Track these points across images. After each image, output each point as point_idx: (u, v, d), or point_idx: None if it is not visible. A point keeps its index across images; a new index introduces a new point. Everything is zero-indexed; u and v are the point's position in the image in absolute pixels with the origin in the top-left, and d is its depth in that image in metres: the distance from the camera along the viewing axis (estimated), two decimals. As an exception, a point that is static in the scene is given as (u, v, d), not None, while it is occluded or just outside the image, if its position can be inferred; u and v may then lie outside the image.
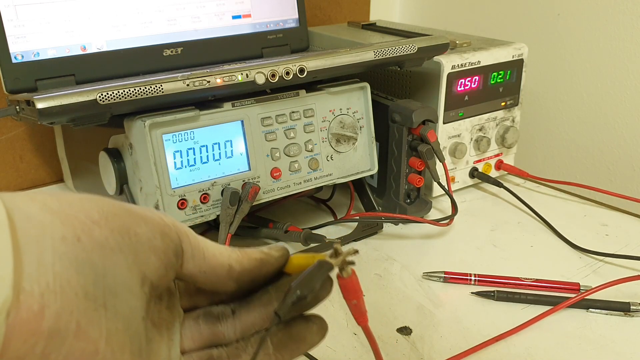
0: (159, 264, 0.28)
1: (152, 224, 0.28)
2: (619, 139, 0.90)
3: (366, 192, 0.69)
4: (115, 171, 0.55)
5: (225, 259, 0.31)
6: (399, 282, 0.60)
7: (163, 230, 0.28)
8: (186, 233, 0.30)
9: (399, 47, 0.60)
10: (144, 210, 0.28)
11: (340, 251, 0.31)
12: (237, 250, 0.32)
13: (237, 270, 0.31)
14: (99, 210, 0.26)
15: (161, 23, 0.68)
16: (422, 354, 0.49)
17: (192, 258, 0.30)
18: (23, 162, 0.80)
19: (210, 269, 0.31)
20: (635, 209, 0.75)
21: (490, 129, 0.78)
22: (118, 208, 0.27)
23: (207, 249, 0.31)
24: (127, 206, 0.28)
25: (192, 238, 0.30)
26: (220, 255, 0.31)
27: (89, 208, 0.26)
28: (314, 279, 0.30)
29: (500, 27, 1.01)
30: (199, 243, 0.30)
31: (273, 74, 0.54)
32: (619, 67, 0.88)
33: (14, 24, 0.60)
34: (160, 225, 0.28)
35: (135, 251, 0.27)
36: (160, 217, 0.29)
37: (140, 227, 0.27)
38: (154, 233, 0.28)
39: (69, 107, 0.46)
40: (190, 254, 0.30)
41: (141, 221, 0.28)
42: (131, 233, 0.27)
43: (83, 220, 0.25)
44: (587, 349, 0.50)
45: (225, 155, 0.56)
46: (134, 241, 0.27)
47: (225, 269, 0.31)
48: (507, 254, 0.65)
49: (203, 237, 0.31)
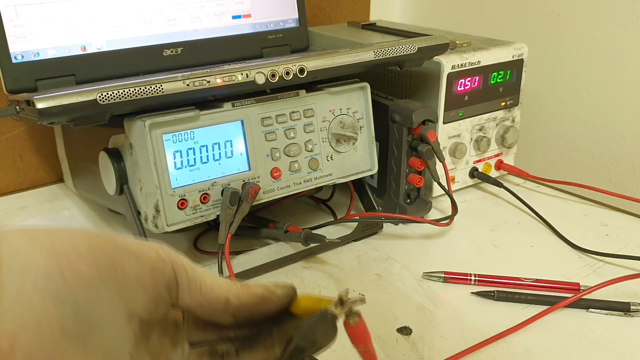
0: (147, 300, 0.28)
1: (143, 260, 0.28)
2: (619, 139, 0.90)
3: (366, 192, 0.69)
4: (115, 171, 0.55)
5: (222, 292, 0.31)
6: (399, 282, 0.60)
7: (155, 266, 0.28)
8: (183, 266, 0.30)
9: (399, 47, 0.60)
10: (138, 245, 0.29)
11: (345, 300, 0.31)
12: (237, 284, 0.32)
13: (234, 305, 0.31)
14: (88, 246, 0.26)
15: (161, 23, 0.68)
16: (422, 354, 0.49)
17: (188, 291, 0.30)
18: (23, 162, 0.80)
19: (206, 302, 0.31)
20: (635, 209, 0.75)
21: (490, 129, 0.78)
22: (108, 244, 0.27)
23: (204, 282, 0.31)
24: (119, 241, 0.28)
25: (189, 271, 0.30)
26: (218, 288, 0.31)
27: (79, 243, 0.26)
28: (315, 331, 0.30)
29: (500, 27, 1.01)
30: (196, 276, 0.30)
31: (273, 74, 0.54)
32: (619, 67, 0.88)
33: (14, 24, 0.60)
34: (152, 260, 0.29)
35: (122, 288, 0.27)
36: (155, 250, 0.29)
37: (130, 263, 0.28)
38: (144, 269, 0.28)
39: (69, 107, 0.46)
40: (187, 287, 0.30)
41: (131, 257, 0.28)
42: (118, 269, 0.27)
43: (70, 255, 0.26)
44: (587, 349, 0.50)
45: (225, 155, 0.56)
46: (121, 278, 0.27)
47: (222, 303, 0.31)
48: (507, 254, 0.65)
49: (202, 269, 0.31)
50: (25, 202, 0.77)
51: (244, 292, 0.32)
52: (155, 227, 0.53)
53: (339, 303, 0.31)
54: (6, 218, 0.73)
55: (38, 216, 0.74)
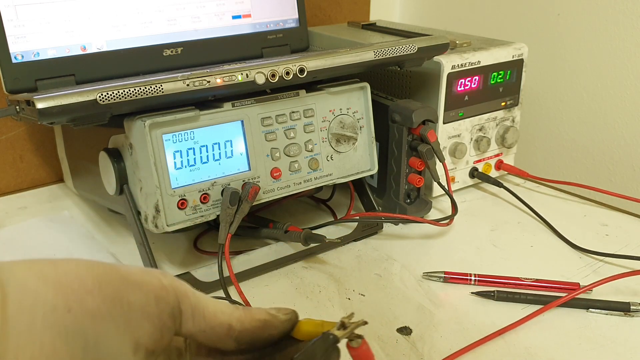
0: (153, 329, 0.28)
1: (147, 289, 0.28)
2: (619, 139, 0.90)
3: (366, 192, 0.69)
4: (115, 171, 0.55)
5: (225, 317, 0.31)
6: (399, 282, 0.60)
7: (159, 295, 0.29)
8: (186, 293, 0.30)
9: (399, 47, 0.60)
10: (141, 274, 0.29)
11: (347, 324, 0.31)
12: (240, 309, 0.32)
13: (237, 330, 0.32)
14: (93, 279, 0.27)
15: (161, 23, 0.68)
16: (422, 354, 0.49)
17: (191, 318, 0.30)
18: (23, 162, 0.80)
19: (209, 328, 0.31)
20: (635, 209, 0.75)
21: (490, 129, 0.78)
22: (113, 275, 0.28)
23: (207, 308, 0.31)
24: (123, 272, 0.28)
25: (192, 298, 0.30)
26: (221, 314, 0.31)
27: (84, 276, 0.27)
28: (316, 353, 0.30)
29: (500, 27, 1.01)
30: (199, 302, 0.31)
31: (273, 74, 0.54)
32: (619, 67, 0.88)
33: (14, 24, 0.60)
34: (156, 289, 0.29)
35: (128, 319, 0.27)
36: (158, 279, 0.29)
37: (134, 293, 0.28)
38: (148, 299, 0.28)
39: (69, 107, 0.46)
40: (190, 314, 0.30)
41: (135, 287, 0.28)
42: (124, 301, 0.27)
43: (76, 289, 0.26)
44: (587, 348, 0.50)
45: (225, 155, 0.56)
46: (127, 309, 0.27)
47: (225, 328, 0.31)
48: (507, 254, 0.65)
49: (205, 295, 0.31)
50: (25, 202, 0.77)
51: (246, 318, 0.32)
52: (155, 227, 0.53)
53: (341, 326, 0.31)
54: (6, 218, 0.73)
55: (38, 216, 0.74)
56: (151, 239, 0.57)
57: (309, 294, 0.58)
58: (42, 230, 0.70)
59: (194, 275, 0.57)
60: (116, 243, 0.67)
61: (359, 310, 0.55)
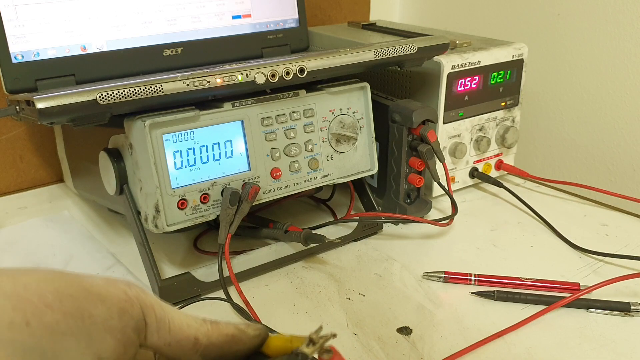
0: (115, 343, 0.28)
1: (110, 303, 0.28)
2: (619, 139, 0.90)
3: (366, 192, 0.69)
4: (115, 171, 0.55)
5: (192, 331, 0.31)
6: (399, 282, 0.60)
7: (122, 307, 0.28)
8: (152, 305, 0.29)
9: (399, 47, 0.60)
10: (105, 286, 0.28)
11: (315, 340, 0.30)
12: (208, 323, 0.32)
13: (203, 344, 0.31)
14: (53, 292, 0.26)
15: (161, 23, 0.68)
16: (422, 354, 0.49)
17: (156, 331, 0.30)
18: (23, 162, 0.80)
19: (175, 342, 0.30)
20: (635, 209, 0.75)
21: (490, 129, 0.78)
22: (75, 288, 0.27)
23: (173, 321, 0.30)
24: (86, 284, 0.27)
25: (157, 310, 0.30)
26: (187, 327, 0.31)
27: (44, 289, 0.26)
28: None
29: (500, 27, 1.01)
30: (164, 315, 0.30)
31: (273, 74, 0.54)
32: (619, 67, 0.88)
33: (14, 24, 0.60)
34: (120, 301, 0.28)
35: (89, 334, 0.26)
36: (123, 291, 0.29)
37: (97, 307, 0.27)
38: (111, 312, 0.28)
39: (69, 107, 0.46)
40: (155, 327, 0.29)
41: (98, 301, 0.27)
42: (85, 315, 0.26)
43: (35, 303, 0.25)
44: (587, 348, 0.50)
45: (225, 155, 0.56)
46: (88, 324, 0.26)
47: (191, 342, 0.31)
48: (507, 254, 0.65)
49: (172, 308, 0.31)
50: (25, 202, 0.77)
51: (213, 332, 0.31)
52: (155, 227, 0.53)
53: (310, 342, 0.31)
54: (6, 218, 0.73)
55: (38, 216, 0.74)
56: (151, 239, 0.57)
57: (309, 294, 0.58)
58: (42, 230, 0.70)
59: (194, 275, 0.57)
60: (116, 243, 0.67)
61: (359, 310, 0.55)
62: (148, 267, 0.56)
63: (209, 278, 0.57)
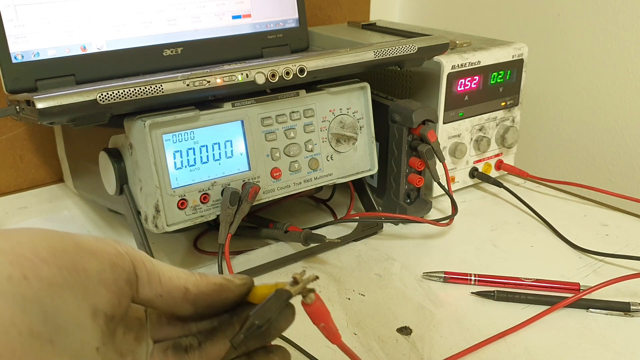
0: (110, 295, 0.29)
1: (102, 257, 0.29)
2: (619, 139, 0.90)
3: (366, 192, 0.69)
4: (115, 171, 0.55)
5: (182, 281, 0.32)
6: (399, 282, 0.60)
7: (114, 262, 0.29)
8: (141, 259, 0.31)
9: (399, 47, 0.60)
10: (95, 242, 0.29)
11: (299, 280, 0.32)
12: (196, 274, 0.33)
13: (193, 293, 0.32)
14: (47, 248, 0.27)
15: (161, 23, 0.68)
16: (422, 354, 0.49)
17: (148, 283, 0.31)
18: (23, 162, 0.80)
19: (166, 292, 0.31)
20: (635, 209, 0.75)
21: (490, 129, 0.78)
22: (68, 244, 0.28)
23: (163, 273, 0.32)
24: (77, 240, 0.28)
25: (147, 264, 0.31)
26: (177, 278, 0.32)
27: (38, 246, 0.27)
28: (270, 308, 0.31)
29: (500, 27, 1.01)
30: (154, 268, 0.31)
31: (273, 74, 0.54)
32: (619, 67, 0.88)
33: (14, 24, 0.60)
34: (111, 256, 0.29)
35: (84, 286, 0.27)
36: (113, 246, 0.30)
37: (89, 261, 0.28)
38: (104, 265, 0.29)
39: (69, 107, 0.46)
40: (146, 280, 0.31)
41: (90, 255, 0.28)
42: (79, 268, 0.27)
43: (31, 258, 0.26)
44: (587, 348, 0.50)
45: (225, 155, 0.56)
46: (83, 276, 0.27)
47: (182, 292, 0.32)
48: (507, 254, 0.65)
49: (160, 262, 0.32)
50: (25, 202, 0.77)
51: (202, 281, 0.33)
52: (155, 227, 0.53)
53: (294, 283, 0.32)
54: (6, 218, 0.73)
55: (38, 216, 0.74)
56: (151, 239, 0.57)
57: (309, 294, 0.58)
58: (42, 230, 0.70)
59: (194, 275, 0.57)
60: (116, 243, 0.67)
61: (359, 310, 0.55)
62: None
63: (209, 278, 0.57)
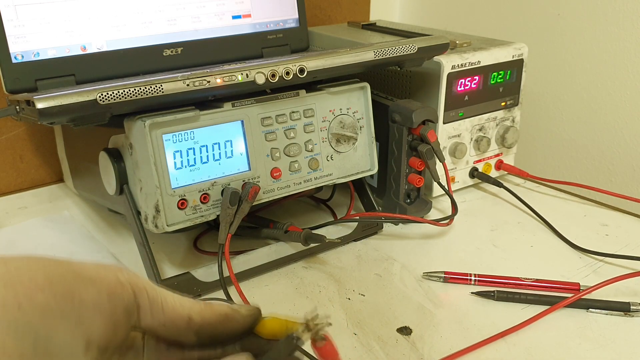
0: (105, 325, 0.28)
1: (100, 285, 0.28)
2: (619, 139, 0.90)
3: (366, 192, 0.69)
4: (115, 171, 0.55)
5: (185, 310, 0.31)
6: (399, 282, 0.60)
7: (113, 291, 0.29)
8: (144, 287, 0.30)
9: (399, 47, 0.60)
10: (96, 270, 0.29)
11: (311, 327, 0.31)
12: (201, 302, 0.32)
13: (197, 323, 0.32)
14: (44, 275, 0.27)
15: (161, 23, 0.68)
16: (422, 354, 0.49)
17: (150, 312, 0.30)
18: (23, 162, 0.80)
19: (169, 322, 0.31)
20: (635, 209, 0.75)
21: (490, 129, 0.78)
22: (65, 271, 0.27)
23: (166, 301, 0.31)
24: (76, 268, 0.28)
25: (150, 292, 0.30)
26: (180, 307, 0.31)
27: (35, 272, 0.26)
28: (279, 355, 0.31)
29: (500, 27, 1.01)
30: (157, 296, 0.31)
31: (273, 74, 0.54)
32: (619, 67, 0.88)
33: (14, 24, 0.60)
34: (110, 284, 0.29)
35: (79, 315, 0.27)
36: (114, 274, 0.29)
37: (87, 290, 0.28)
38: (101, 295, 0.28)
39: (69, 107, 0.46)
40: (148, 308, 0.30)
41: (88, 284, 0.28)
42: (75, 297, 0.27)
43: (27, 285, 0.26)
44: (587, 348, 0.50)
45: (225, 155, 0.56)
46: (78, 305, 0.27)
47: (185, 321, 0.31)
48: (507, 254, 0.65)
49: (165, 290, 0.31)
50: (25, 202, 0.77)
51: (207, 310, 0.32)
52: (155, 227, 0.53)
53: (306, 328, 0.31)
54: (6, 218, 0.73)
55: (38, 216, 0.74)
56: (151, 239, 0.57)
57: (309, 294, 0.58)
58: (42, 230, 0.70)
59: (194, 275, 0.57)
60: (116, 243, 0.67)
61: (359, 310, 0.55)
62: (148, 267, 0.56)
63: (209, 278, 0.57)
